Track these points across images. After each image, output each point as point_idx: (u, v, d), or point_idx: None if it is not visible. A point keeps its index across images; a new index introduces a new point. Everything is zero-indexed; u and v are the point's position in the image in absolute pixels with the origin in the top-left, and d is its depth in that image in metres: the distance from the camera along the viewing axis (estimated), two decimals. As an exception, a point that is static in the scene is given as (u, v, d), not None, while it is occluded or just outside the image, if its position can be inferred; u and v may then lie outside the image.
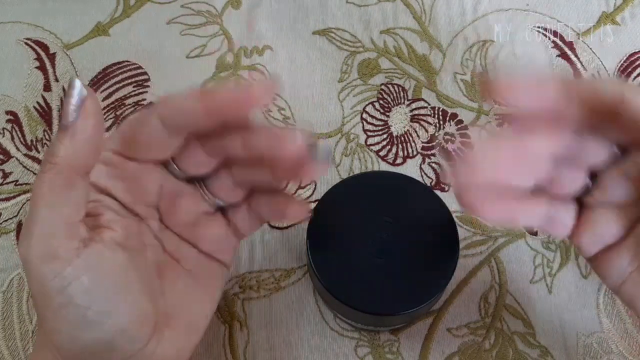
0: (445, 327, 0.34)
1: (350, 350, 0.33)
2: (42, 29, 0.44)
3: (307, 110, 0.40)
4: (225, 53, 0.42)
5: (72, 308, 0.22)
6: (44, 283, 0.22)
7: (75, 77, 0.22)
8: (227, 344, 0.33)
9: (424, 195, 0.31)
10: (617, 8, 0.44)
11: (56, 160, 0.22)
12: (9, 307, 0.35)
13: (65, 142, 0.22)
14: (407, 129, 0.39)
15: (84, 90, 0.22)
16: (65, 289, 0.22)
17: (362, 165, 0.38)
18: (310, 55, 0.42)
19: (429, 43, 0.42)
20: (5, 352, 0.33)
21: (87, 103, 0.22)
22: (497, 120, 0.39)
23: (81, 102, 0.22)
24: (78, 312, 0.22)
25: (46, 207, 0.22)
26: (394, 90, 0.41)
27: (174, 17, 0.44)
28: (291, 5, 0.44)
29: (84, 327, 0.22)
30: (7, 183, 0.38)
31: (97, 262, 0.23)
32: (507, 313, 0.34)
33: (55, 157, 0.22)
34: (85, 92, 0.22)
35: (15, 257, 0.36)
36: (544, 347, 0.33)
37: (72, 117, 0.22)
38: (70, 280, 0.22)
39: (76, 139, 0.22)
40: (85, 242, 0.23)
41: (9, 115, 0.40)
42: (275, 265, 0.35)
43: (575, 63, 0.42)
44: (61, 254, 0.22)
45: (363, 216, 0.30)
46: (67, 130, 0.22)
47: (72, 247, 0.22)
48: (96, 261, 0.23)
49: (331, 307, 0.33)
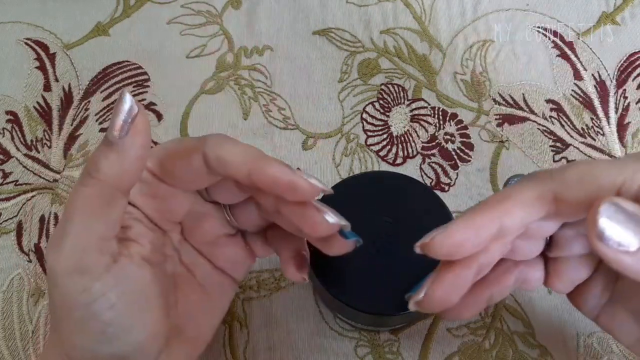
0: (445, 327, 0.34)
1: (350, 350, 0.33)
2: (42, 29, 0.44)
3: (307, 110, 0.40)
4: (225, 53, 0.42)
5: (94, 323, 0.22)
6: (70, 297, 0.21)
7: (126, 91, 0.21)
8: (227, 344, 0.33)
9: (424, 195, 0.31)
10: (617, 8, 0.44)
11: (100, 176, 0.21)
12: (9, 307, 0.35)
13: (111, 159, 0.21)
14: (407, 129, 0.39)
15: (135, 107, 0.21)
16: (91, 305, 0.21)
17: (362, 165, 0.38)
18: (310, 55, 0.42)
19: (429, 43, 0.42)
20: (5, 352, 0.33)
21: (138, 120, 0.21)
22: (497, 120, 0.40)
23: (132, 119, 0.21)
24: (99, 328, 0.22)
25: (82, 222, 0.21)
26: (394, 90, 0.41)
27: (174, 17, 0.44)
28: (291, 5, 0.44)
29: (103, 342, 0.22)
30: (7, 183, 0.38)
31: (124, 278, 0.22)
32: (507, 313, 0.34)
33: (99, 172, 0.21)
34: (137, 109, 0.21)
35: (15, 257, 0.36)
36: (544, 347, 0.33)
37: (121, 133, 0.21)
38: (98, 296, 0.21)
39: (123, 157, 0.21)
40: (115, 258, 0.22)
41: (9, 115, 0.40)
42: (276, 265, 0.35)
43: (575, 63, 0.42)
44: (91, 269, 0.21)
45: (363, 216, 0.30)
46: (114, 146, 0.21)
47: (103, 262, 0.22)
48: (123, 277, 0.22)
49: (331, 307, 0.33)
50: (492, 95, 0.40)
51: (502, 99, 0.40)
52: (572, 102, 0.40)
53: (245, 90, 0.41)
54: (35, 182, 0.38)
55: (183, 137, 0.25)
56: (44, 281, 0.35)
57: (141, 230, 0.25)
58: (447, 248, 0.21)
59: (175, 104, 0.41)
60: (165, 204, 0.25)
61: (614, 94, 0.40)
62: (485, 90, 0.41)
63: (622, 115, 0.40)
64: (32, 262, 0.36)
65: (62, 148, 0.39)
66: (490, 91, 0.41)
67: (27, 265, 0.36)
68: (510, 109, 0.40)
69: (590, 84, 0.41)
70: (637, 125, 0.39)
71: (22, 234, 0.37)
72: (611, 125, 0.39)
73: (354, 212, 0.30)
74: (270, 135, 0.39)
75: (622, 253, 0.19)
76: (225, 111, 0.40)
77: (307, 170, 0.38)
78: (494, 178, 0.38)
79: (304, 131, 0.40)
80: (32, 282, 0.35)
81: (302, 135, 0.39)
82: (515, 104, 0.40)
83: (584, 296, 0.26)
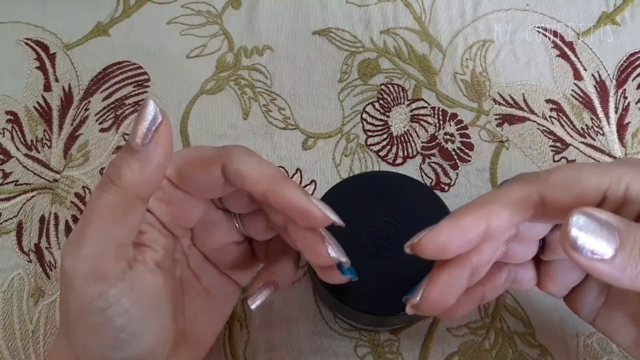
0: (445, 327, 0.34)
1: (350, 350, 0.33)
2: (42, 29, 0.44)
3: (307, 110, 0.40)
4: (225, 53, 0.42)
5: (107, 328, 0.22)
6: (86, 301, 0.21)
7: (150, 99, 0.21)
8: (227, 344, 0.33)
9: (424, 195, 0.31)
10: (617, 8, 0.44)
11: (121, 183, 0.21)
12: (9, 307, 0.35)
13: (134, 167, 0.21)
14: (407, 129, 0.39)
15: (159, 116, 0.21)
16: (106, 310, 0.21)
17: (362, 165, 0.38)
18: (310, 55, 0.42)
19: (429, 43, 0.42)
20: (5, 352, 0.33)
21: (161, 129, 0.21)
22: (497, 120, 0.40)
23: (156, 127, 0.21)
24: (112, 333, 0.22)
25: (102, 228, 0.21)
26: (394, 90, 0.41)
27: (174, 17, 0.44)
28: (291, 5, 0.44)
29: (115, 348, 0.22)
30: (7, 183, 0.38)
31: (139, 284, 0.23)
32: (507, 313, 0.34)
33: (120, 180, 0.21)
34: (161, 117, 0.21)
35: (15, 257, 0.36)
36: (544, 347, 0.33)
37: (144, 140, 0.21)
38: (113, 302, 0.21)
39: (145, 165, 0.21)
40: (131, 263, 0.22)
41: (9, 115, 0.40)
42: (275, 265, 0.35)
43: (575, 63, 0.42)
44: (108, 275, 0.21)
45: (363, 216, 0.30)
46: (137, 154, 0.21)
47: (119, 268, 0.22)
48: (138, 284, 0.22)
49: (331, 307, 0.33)
50: (492, 95, 0.40)
51: (502, 99, 0.40)
52: (572, 102, 0.40)
53: (245, 90, 0.41)
54: (35, 182, 0.38)
55: (201, 145, 0.25)
56: (44, 281, 0.35)
57: (155, 235, 0.25)
58: (433, 248, 0.22)
59: (175, 104, 0.41)
60: (179, 211, 0.25)
61: (614, 94, 0.40)
62: (485, 90, 0.41)
63: (622, 115, 0.40)
64: (32, 262, 0.36)
65: (62, 148, 0.39)
66: (490, 91, 0.41)
67: (27, 265, 0.36)
68: (510, 109, 0.40)
69: (590, 84, 0.41)
70: (637, 125, 0.39)
71: (22, 234, 0.37)
72: (611, 125, 0.39)
73: (354, 212, 0.30)
74: (270, 135, 0.39)
75: (597, 261, 0.19)
76: (225, 111, 0.40)
77: (307, 170, 0.38)
78: (494, 178, 0.38)
79: (304, 131, 0.40)
80: (32, 282, 0.35)
81: (302, 135, 0.39)
82: (515, 104, 0.40)
83: (580, 300, 0.27)
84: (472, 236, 0.21)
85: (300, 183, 0.38)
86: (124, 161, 0.21)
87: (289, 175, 0.38)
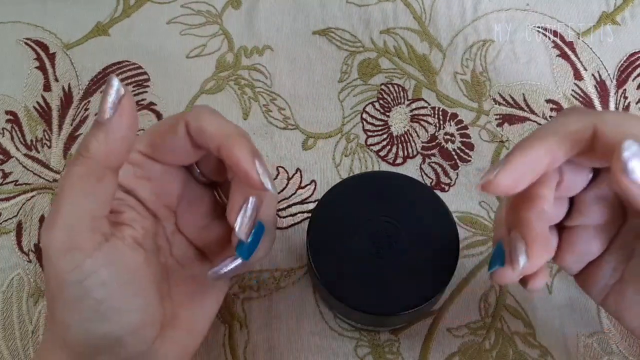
0: (445, 327, 0.34)
1: (350, 350, 0.33)
2: (42, 29, 0.44)
3: (307, 110, 0.40)
4: (225, 53, 0.42)
5: (86, 301, 0.22)
6: (62, 274, 0.22)
7: (113, 76, 0.22)
8: (227, 344, 0.33)
9: (424, 195, 0.31)
10: (617, 8, 0.44)
11: (89, 154, 0.22)
12: (9, 307, 0.35)
13: (100, 138, 0.22)
14: (407, 129, 0.39)
15: (122, 89, 0.22)
16: (83, 282, 0.22)
17: (362, 165, 0.38)
18: (310, 55, 0.42)
19: (429, 43, 0.42)
20: (5, 352, 0.33)
21: (124, 101, 0.22)
22: (497, 120, 0.39)
23: (118, 100, 0.22)
24: (92, 306, 0.22)
25: (73, 199, 0.22)
26: (394, 90, 0.41)
27: (174, 17, 0.44)
28: (291, 5, 0.44)
29: (95, 321, 0.23)
30: (6, 183, 0.38)
31: (117, 257, 0.23)
32: (507, 313, 0.34)
33: (88, 151, 0.22)
34: (123, 90, 0.22)
35: (15, 257, 0.36)
36: (544, 347, 0.33)
37: (108, 114, 0.22)
38: (89, 273, 0.22)
39: (110, 136, 0.22)
40: (107, 237, 0.23)
41: (9, 115, 0.40)
42: (275, 265, 0.35)
43: (575, 63, 0.42)
44: (82, 246, 0.22)
45: (363, 216, 0.30)
46: (102, 126, 0.22)
47: (94, 240, 0.22)
48: (115, 256, 0.23)
49: (331, 307, 0.33)
50: (492, 95, 0.40)
51: (502, 99, 0.40)
52: (573, 102, 0.40)
53: (245, 90, 0.41)
54: (35, 182, 0.38)
55: None
56: (43, 281, 0.35)
57: (134, 216, 0.25)
58: (505, 185, 0.22)
59: (175, 104, 0.41)
60: (159, 186, 0.26)
61: (614, 94, 0.40)
62: (485, 90, 0.41)
63: (622, 115, 0.40)
64: (32, 262, 0.36)
65: (62, 148, 0.39)
66: (490, 91, 0.41)
67: (27, 265, 0.36)
68: (511, 109, 0.40)
69: (590, 84, 0.41)
70: (637, 125, 0.39)
71: (22, 234, 0.37)
72: (611, 125, 0.39)
73: (354, 212, 0.30)
74: (270, 135, 0.39)
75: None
76: (225, 111, 0.40)
77: (307, 170, 0.38)
78: (494, 178, 0.38)
79: (304, 131, 0.40)
80: (32, 282, 0.35)
81: (302, 135, 0.39)
82: (515, 104, 0.40)
83: (594, 274, 0.26)
84: (541, 170, 0.22)
85: (300, 183, 0.38)
86: (92, 135, 0.22)
87: (289, 176, 0.38)
